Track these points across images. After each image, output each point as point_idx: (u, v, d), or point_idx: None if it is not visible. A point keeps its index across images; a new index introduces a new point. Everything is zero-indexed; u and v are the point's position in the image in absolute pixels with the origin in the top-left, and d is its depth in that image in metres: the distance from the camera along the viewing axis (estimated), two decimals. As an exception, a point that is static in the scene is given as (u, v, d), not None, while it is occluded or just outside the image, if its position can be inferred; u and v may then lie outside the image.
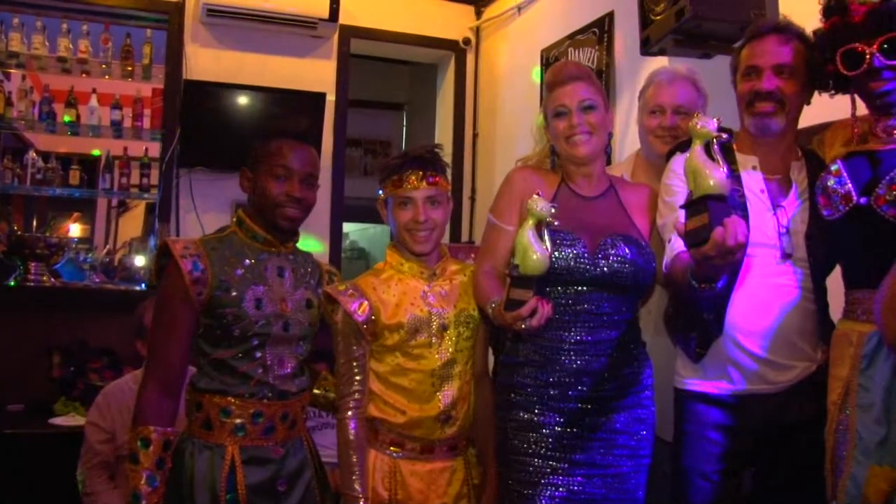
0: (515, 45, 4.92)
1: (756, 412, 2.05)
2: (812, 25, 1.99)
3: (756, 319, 2.03)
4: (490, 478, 2.29)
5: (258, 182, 2.14)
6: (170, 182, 4.58)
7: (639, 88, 2.81)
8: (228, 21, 4.62)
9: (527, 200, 2.12)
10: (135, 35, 4.63)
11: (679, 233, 1.78)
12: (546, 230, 1.91)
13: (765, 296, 2.03)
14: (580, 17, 4.10)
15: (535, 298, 1.85)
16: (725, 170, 1.71)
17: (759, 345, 2.03)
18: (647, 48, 3.04)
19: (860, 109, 1.94)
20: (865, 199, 1.81)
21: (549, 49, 4.37)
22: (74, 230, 5.64)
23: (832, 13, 1.87)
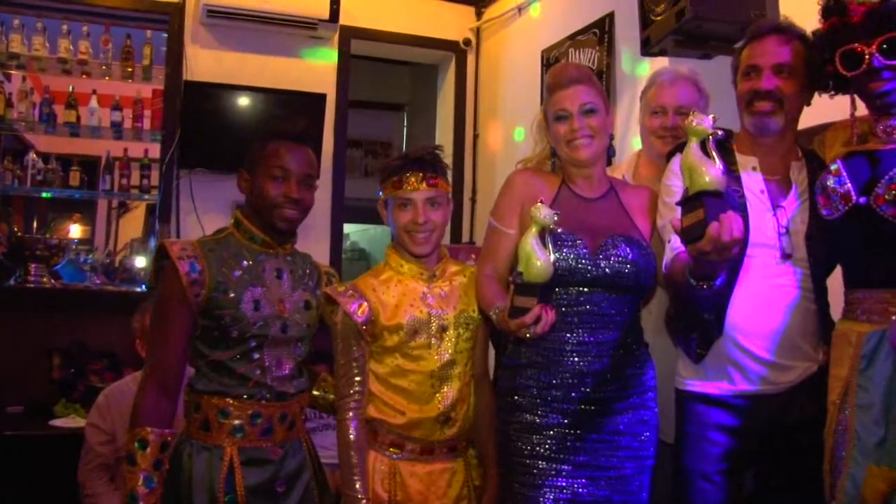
0: (516, 46, 4.91)
1: (757, 413, 2.04)
2: (812, 26, 1.98)
3: (756, 320, 2.03)
4: (491, 479, 2.29)
5: (256, 183, 2.14)
6: (170, 183, 4.58)
7: (639, 89, 2.81)
8: (229, 22, 4.62)
9: (527, 203, 2.13)
10: (135, 36, 4.63)
11: (675, 229, 1.78)
12: (549, 237, 1.90)
13: (765, 296, 2.03)
14: (580, 18, 4.09)
15: (539, 306, 1.85)
16: (721, 166, 1.71)
17: (760, 345, 2.03)
18: (648, 49, 3.04)
19: (860, 110, 1.93)
20: (865, 199, 1.81)
21: (550, 50, 4.37)
22: (75, 231, 5.64)
23: (831, 13, 1.87)
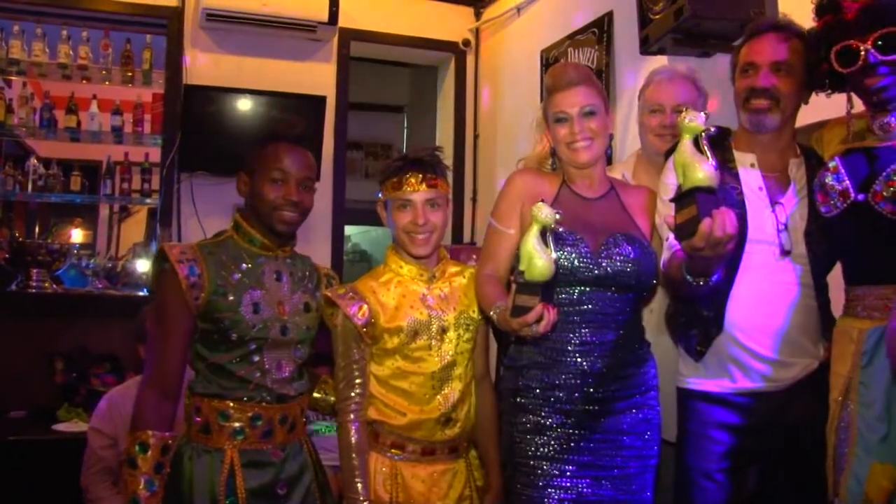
0: (515, 46, 4.91)
1: (758, 410, 2.04)
2: (812, 24, 1.98)
3: (756, 317, 2.03)
4: (493, 479, 2.29)
5: (255, 186, 2.13)
6: (171, 187, 4.57)
7: (639, 88, 2.80)
8: (228, 25, 4.61)
9: (527, 203, 2.12)
10: (135, 41, 4.64)
11: (669, 226, 1.79)
12: (551, 236, 1.90)
13: (765, 293, 2.03)
14: (579, 18, 4.09)
15: (542, 305, 1.83)
16: (714, 162, 1.71)
17: (760, 342, 2.03)
18: (647, 47, 3.04)
19: (857, 107, 1.93)
20: (863, 196, 1.81)
21: (549, 49, 4.36)
22: (76, 236, 5.64)
23: (825, 11, 1.87)
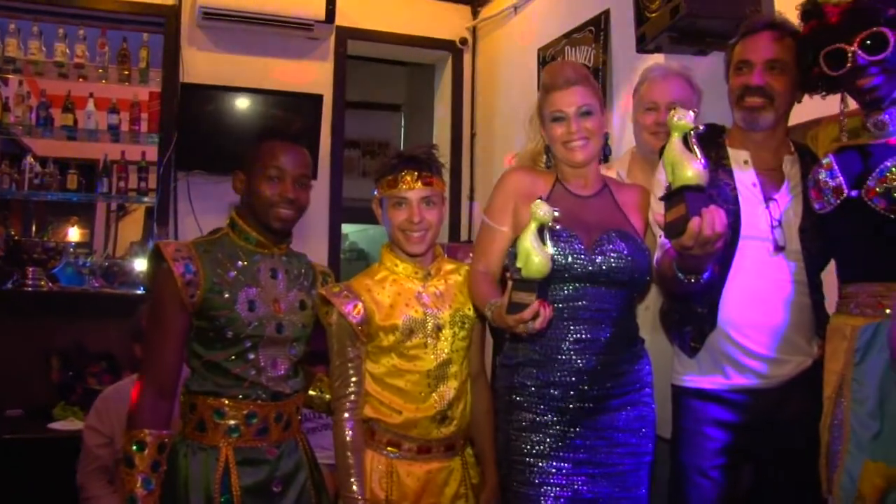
0: (512, 45, 4.90)
1: (752, 407, 2.04)
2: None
3: (750, 314, 2.03)
4: (488, 477, 2.29)
5: (251, 183, 2.13)
6: (168, 185, 4.57)
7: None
8: (224, 24, 4.61)
9: (521, 201, 2.14)
10: (131, 39, 4.63)
11: (658, 224, 1.79)
12: (547, 233, 1.90)
13: (758, 290, 2.03)
14: (576, 16, 4.08)
15: (538, 302, 1.84)
16: (703, 161, 1.72)
17: (754, 339, 2.03)
18: (643, 45, 3.03)
19: (852, 106, 1.93)
20: (856, 192, 1.81)
21: (546, 48, 4.36)
22: (73, 235, 5.62)
23: (809, 17, 1.89)
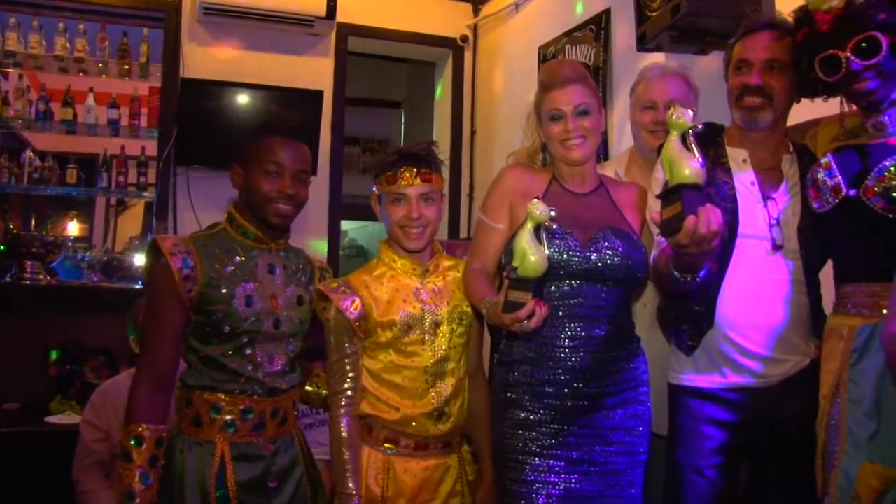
0: (513, 43, 4.90)
1: (749, 406, 2.04)
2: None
3: (747, 312, 2.03)
4: (485, 475, 2.29)
5: (249, 178, 2.13)
6: (167, 180, 4.58)
7: (636, 85, 2.80)
8: (225, 19, 4.62)
9: (517, 199, 2.15)
10: (132, 34, 4.64)
11: (654, 222, 1.79)
12: (544, 232, 1.90)
13: (755, 288, 2.03)
14: (577, 14, 4.08)
15: (534, 301, 1.84)
16: (700, 159, 1.73)
17: (751, 339, 2.03)
18: (644, 44, 3.03)
19: (852, 106, 1.94)
20: (855, 192, 1.81)
21: (547, 46, 4.35)
22: (72, 229, 5.62)
23: (801, 25, 1.89)
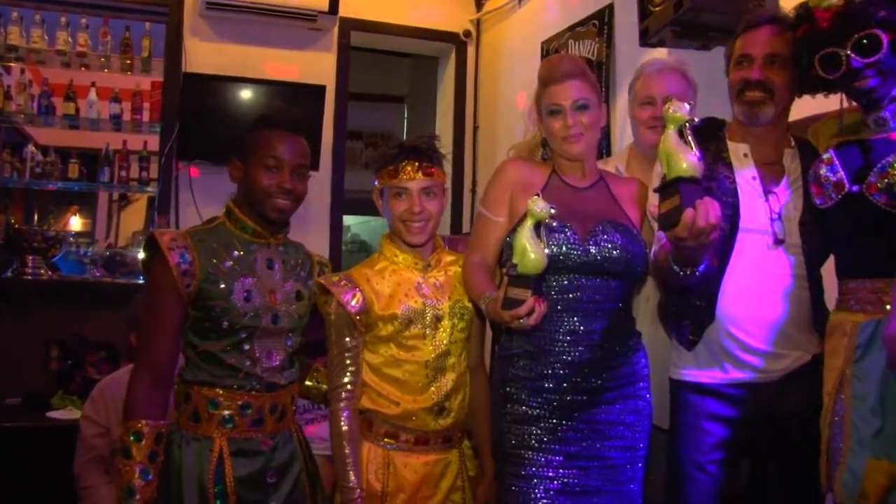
0: (516, 38, 4.89)
1: (750, 402, 2.03)
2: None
3: (748, 307, 2.02)
4: (486, 470, 2.30)
5: (248, 173, 2.11)
6: (169, 175, 4.58)
7: (638, 80, 2.79)
8: (227, 14, 4.62)
9: (517, 192, 2.14)
10: (134, 28, 4.64)
11: (652, 216, 1.78)
12: (544, 229, 1.89)
13: (757, 283, 2.02)
14: (580, 9, 4.08)
15: (533, 298, 1.84)
16: (697, 153, 1.72)
17: (752, 334, 2.02)
18: (646, 39, 3.03)
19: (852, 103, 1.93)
20: (857, 187, 1.81)
21: (550, 41, 4.34)
22: (74, 224, 5.64)
23: (802, 22, 1.89)
